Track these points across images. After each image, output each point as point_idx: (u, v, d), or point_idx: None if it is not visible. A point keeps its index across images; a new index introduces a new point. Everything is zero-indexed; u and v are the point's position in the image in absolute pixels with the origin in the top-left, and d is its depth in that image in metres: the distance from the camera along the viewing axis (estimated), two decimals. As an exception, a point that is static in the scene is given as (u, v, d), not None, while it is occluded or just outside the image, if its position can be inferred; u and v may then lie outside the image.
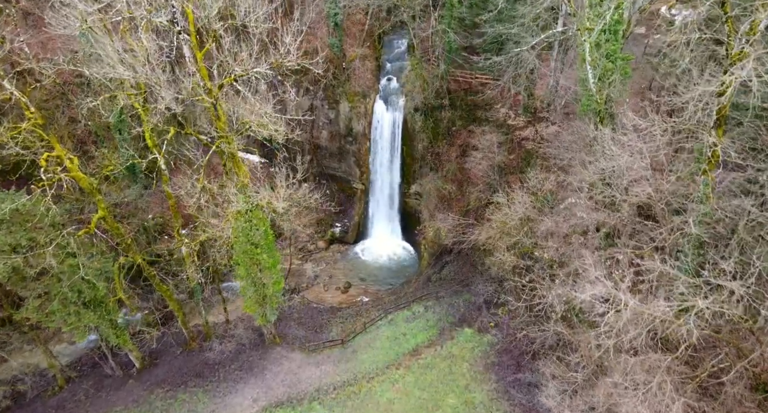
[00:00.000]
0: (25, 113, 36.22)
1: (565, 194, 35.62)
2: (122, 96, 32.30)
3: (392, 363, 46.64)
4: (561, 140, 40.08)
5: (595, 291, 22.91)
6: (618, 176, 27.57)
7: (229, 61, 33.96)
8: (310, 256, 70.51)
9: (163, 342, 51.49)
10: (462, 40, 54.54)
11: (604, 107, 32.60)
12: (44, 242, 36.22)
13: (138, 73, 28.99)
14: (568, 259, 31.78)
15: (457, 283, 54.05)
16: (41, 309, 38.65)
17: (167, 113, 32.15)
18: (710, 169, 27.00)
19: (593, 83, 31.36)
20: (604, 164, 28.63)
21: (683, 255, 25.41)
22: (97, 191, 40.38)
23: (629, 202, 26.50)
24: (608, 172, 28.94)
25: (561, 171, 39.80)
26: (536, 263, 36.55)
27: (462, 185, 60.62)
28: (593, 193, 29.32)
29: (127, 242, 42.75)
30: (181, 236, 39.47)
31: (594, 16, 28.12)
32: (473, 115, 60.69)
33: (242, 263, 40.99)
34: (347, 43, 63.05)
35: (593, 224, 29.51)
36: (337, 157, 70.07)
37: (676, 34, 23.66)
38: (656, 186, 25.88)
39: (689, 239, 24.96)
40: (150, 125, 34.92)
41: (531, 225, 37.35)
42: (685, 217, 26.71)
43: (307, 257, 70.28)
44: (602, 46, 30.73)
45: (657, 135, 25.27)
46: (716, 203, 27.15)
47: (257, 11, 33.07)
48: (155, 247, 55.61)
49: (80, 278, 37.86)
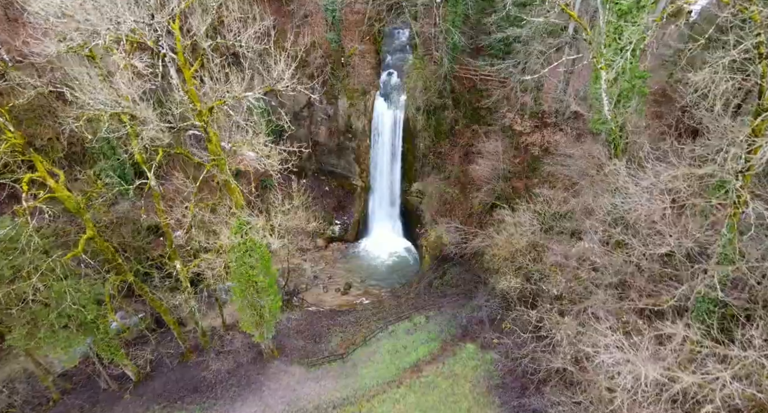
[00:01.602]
0: (6, 133, 34.20)
1: (577, 224, 33.81)
2: (105, 118, 30.09)
3: (393, 378, 45.60)
4: (571, 158, 38.02)
5: (611, 358, 21.39)
6: (635, 220, 25.74)
7: (220, 80, 31.81)
8: (309, 255, 68.93)
9: (158, 350, 50.38)
10: (467, 40, 51.82)
11: (619, 134, 30.52)
12: (29, 269, 34.63)
13: (121, 105, 26.86)
14: (579, 298, 30.23)
15: (459, 292, 52.68)
16: (29, 337, 37.24)
17: (155, 143, 30.09)
18: (736, 216, 25.16)
19: (608, 111, 29.21)
20: (619, 206, 26.75)
21: (706, 315, 23.82)
22: (84, 211, 38.56)
23: (648, 254, 24.80)
24: (623, 212, 27.09)
25: (570, 190, 37.91)
26: (544, 292, 34.99)
27: (465, 188, 58.74)
28: (607, 235, 27.57)
29: (118, 262, 41.16)
30: (174, 261, 37.81)
31: (612, 53, 25.86)
32: (477, 114, 58.43)
33: (238, 284, 39.51)
34: (346, 38, 60.26)
35: (609, 271, 27.82)
36: (336, 153, 67.96)
37: (707, 72, 21.49)
38: (678, 235, 24.09)
39: (712, 300, 23.34)
40: (138, 148, 32.89)
41: (539, 250, 35.66)
42: (706, 265, 24.98)
43: (306, 256, 68.73)
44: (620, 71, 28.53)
45: (680, 182, 23.35)
46: (741, 247, 25.41)
47: (248, 30, 30.66)
48: (149, 250, 54.19)
49: (69, 305, 36.35)
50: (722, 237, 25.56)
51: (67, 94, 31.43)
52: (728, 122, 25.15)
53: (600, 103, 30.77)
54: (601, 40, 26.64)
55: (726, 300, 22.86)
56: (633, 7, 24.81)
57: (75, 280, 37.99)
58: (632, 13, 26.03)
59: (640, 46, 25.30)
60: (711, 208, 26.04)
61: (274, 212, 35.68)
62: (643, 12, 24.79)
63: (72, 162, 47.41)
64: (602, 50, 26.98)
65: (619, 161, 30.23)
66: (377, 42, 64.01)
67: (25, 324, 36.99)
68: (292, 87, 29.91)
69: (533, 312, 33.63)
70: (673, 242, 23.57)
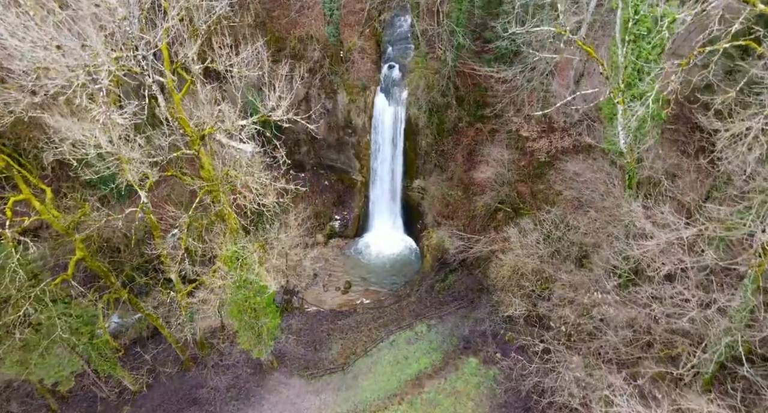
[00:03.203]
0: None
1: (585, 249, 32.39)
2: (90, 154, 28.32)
3: (394, 392, 45.02)
4: (580, 177, 36.35)
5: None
6: (653, 270, 24.31)
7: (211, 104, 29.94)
8: (308, 251, 67.72)
9: (156, 359, 49.65)
10: (472, 40, 49.35)
11: (635, 167, 28.81)
12: (17, 298, 33.44)
13: (104, 146, 25.07)
14: (588, 336, 29.08)
15: (460, 300, 51.63)
16: (22, 364, 36.30)
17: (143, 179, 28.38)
18: (761, 268, 23.73)
19: (624, 144, 27.43)
20: (633, 247, 25.29)
21: (728, 382, 22.72)
22: (72, 233, 37.08)
23: (667, 326, 23.45)
24: (639, 256, 25.67)
25: (579, 210, 36.39)
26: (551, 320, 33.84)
27: (468, 189, 57.11)
28: (621, 282, 26.21)
29: (111, 281, 39.96)
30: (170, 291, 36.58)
31: (629, 96, 23.93)
32: (481, 112, 56.36)
33: (234, 306, 38.38)
34: (345, 33, 57.64)
35: (624, 324, 26.52)
36: (336, 148, 66.00)
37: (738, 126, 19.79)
38: (699, 299, 22.68)
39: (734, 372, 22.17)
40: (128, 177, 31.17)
41: (546, 277, 34.38)
42: (730, 322, 23.68)
43: (305, 253, 67.52)
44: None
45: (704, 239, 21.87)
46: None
47: (241, 54, 28.59)
48: (145, 250, 53.02)
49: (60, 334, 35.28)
50: (743, 289, 24.22)
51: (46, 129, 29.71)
52: (755, 165, 23.51)
53: (613, 129, 28.99)
54: (620, 76, 24.72)
55: (750, 375, 21.70)
56: (653, 50, 22.81)
57: (65, 305, 36.82)
58: (650, 54, 24.01)
59: (662, 95, 23.46)
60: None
61: (271, 246, 34.19)
62: (660, 53, 22.83)
63: (61, 173, 45.55)
64: (620, 85, 25.07)
65: (633, 197, 28.66)
66: (377, 33, 61.34)
67: (17, 350, 36.02)
68: (290, 118, 28.09)
69: (540, 343, 32.55)
70: (695, 309, 22.23)
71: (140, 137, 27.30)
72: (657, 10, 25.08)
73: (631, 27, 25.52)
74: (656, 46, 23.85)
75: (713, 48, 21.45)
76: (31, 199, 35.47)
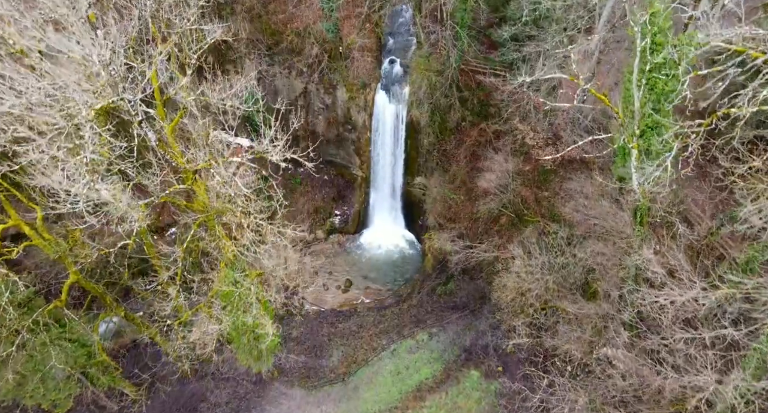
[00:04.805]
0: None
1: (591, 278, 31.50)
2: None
3: (395, 404, 44.91)
4: (587, 200, 35.16)
5: None
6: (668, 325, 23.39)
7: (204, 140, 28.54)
8: (308, 248, 66.91)
9: (156, 366, 49.41)
10: (478, 45, 47.34)
11: (647, 204, 27.64)
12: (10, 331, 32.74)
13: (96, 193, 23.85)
14: (595, 376, 28.45)
15: (462, 309, 51.08)
16: (20, 389, 35.85)
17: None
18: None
19: (637, 185, 26.19)
20: (644, 299, 24.37)
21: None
22: (65, 257, 36.11)
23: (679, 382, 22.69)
24: (649, 306, 24.76)
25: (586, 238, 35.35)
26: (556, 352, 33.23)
27: (471, 191, 55.90)
28: (633, 334, 25.40)
29: (107, 301, 39.24)
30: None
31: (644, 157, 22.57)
32: (485, 112, 54.72)
33: (234, 330, 37.78)
34: (344, 29, 55.39)
35: (633, 371, 25.83)
36: (335, 144, 64.47)
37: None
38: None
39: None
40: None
41: (551, 306, 33.61)
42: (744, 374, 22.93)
43: (305, 249, 66.69)
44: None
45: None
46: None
47: (234, 88, 27.06)
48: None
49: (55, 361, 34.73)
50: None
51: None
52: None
53: (625, 168, 27.74)
54: (635, 122, 23.30)
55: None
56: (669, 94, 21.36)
57: (60, 330, 36.13)
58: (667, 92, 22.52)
59: (680, 157, 22.11)
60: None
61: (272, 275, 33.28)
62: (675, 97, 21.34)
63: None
64: (636, 130, 23.67)
65: (643, 237, 27.58)
66: (378, 25, 59.00)
67: (14, 375, 35.50)
68: (287, 157, 26.79)
69: (544, 374, 32.04)
70: (711, 383, 21.45)
71: (128, 185, 26.10)
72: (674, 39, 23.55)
73: (650, 57, 23.97)
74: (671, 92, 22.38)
75: (737, 113, 19.96)
76: (21, 225, 34.44)
